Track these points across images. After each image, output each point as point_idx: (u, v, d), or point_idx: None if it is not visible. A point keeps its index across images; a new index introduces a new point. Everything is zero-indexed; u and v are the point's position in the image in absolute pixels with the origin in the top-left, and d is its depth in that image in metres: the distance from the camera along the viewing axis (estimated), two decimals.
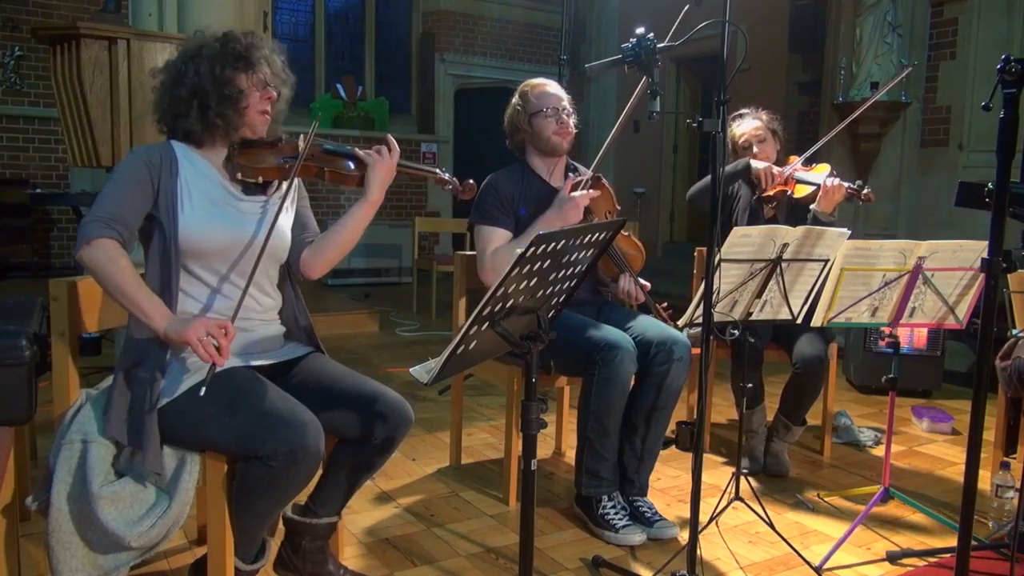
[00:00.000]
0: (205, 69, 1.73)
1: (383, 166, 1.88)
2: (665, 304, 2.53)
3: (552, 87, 2.62)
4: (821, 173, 2.94)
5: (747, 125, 3.10)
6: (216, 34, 1.79)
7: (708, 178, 2.44)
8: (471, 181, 2.07)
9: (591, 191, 2.51)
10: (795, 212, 3.01)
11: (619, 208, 2.69)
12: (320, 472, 1.88)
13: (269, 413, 1.63)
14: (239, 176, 1.79)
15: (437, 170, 2.03)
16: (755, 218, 3.05)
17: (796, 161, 3.04)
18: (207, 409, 1.64)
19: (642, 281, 2.54)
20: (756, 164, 3.01)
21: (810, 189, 2.94)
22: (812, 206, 2.91)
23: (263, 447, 1.58)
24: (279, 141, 1.86)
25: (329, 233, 1.92)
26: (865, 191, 2.86)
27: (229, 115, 1.75)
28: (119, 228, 1.64)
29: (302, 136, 1.84)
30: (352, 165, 1.90)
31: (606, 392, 2.31)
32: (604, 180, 2.65)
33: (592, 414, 2.35)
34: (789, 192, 3.01)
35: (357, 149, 1.91)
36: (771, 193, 2.99)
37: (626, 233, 2.63)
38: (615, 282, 2.58)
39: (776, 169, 2.99)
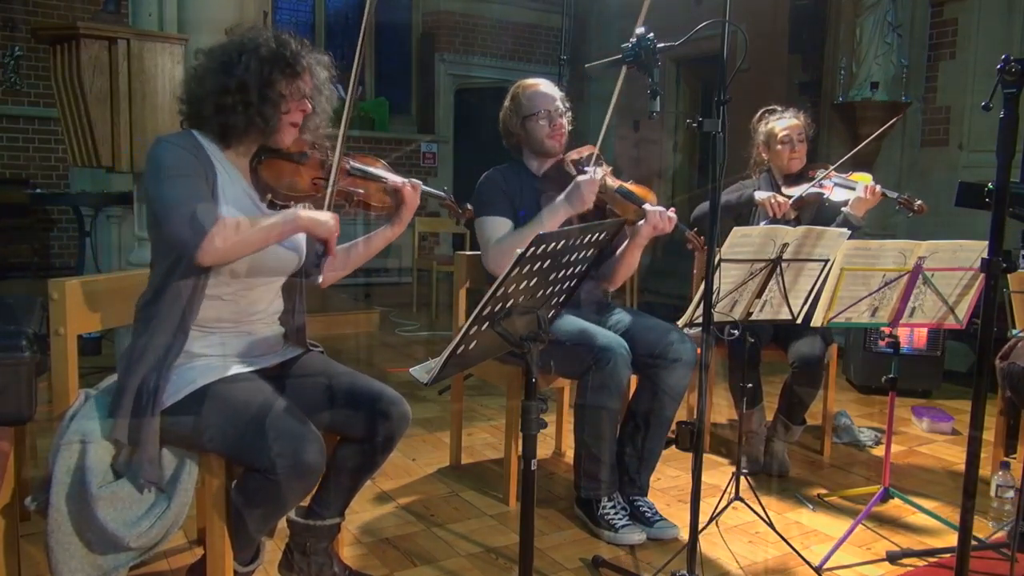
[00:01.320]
0: (256, 66, 1.69)
1: (415, 202, 1.90)
2: (696, 229, 2.50)
3: (543, 86, 2.57)
4: (862, 181, 2.93)
5: (788, 121, 3.08)
6: (270, 33, 1.75)
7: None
8: (470, 206, 2.06)
9: (604, 168, 2.48)
10: (822, 216, 3.00)
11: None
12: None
13: (270, 425, 1.62)
14: (268, 197, 1.77)
15: (443, 192, 2.01)
16: (776, 221, 3.04)
17: (830, 168, 3.03)
18: (210, 415, 1.64)
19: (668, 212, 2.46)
20: (760, 195, 3.00)
21: (848, 194, 2.93)
22: (844, 208, 2.91)
23: (262, 459, 1.59)
24: (303, 156, 1.81)
25: (350, 252, 1.96)
26: (918, 202, 2.85)
27: (269, 116, 1.71)
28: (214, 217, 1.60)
29: (328, 150, 1.81)
30: (387, 197, 1.88)
31: (599, 397, 2.30)
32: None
33: (587, 418, 2.34)
34: (826, 195, 3.00)
35: (389, 176, 1.89)
36: (804, 195, 2.98)
37: (629, 183, 2.58)
38: (644, 221, 2.46)
39: (780, 198, 2.96)
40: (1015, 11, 5.15)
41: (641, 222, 2.47)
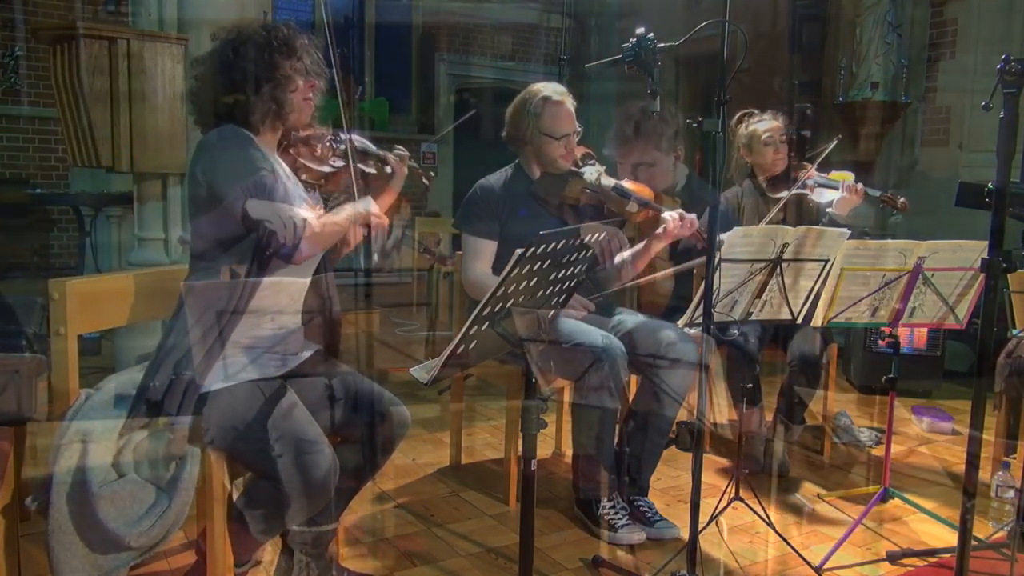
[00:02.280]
0: (255, 55, 1.75)
1: (405, 171, 2.02)
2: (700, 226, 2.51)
3: (569, 104, 2.51)
4: (843, 180, 2.93)
5: (769, 123, 3.06)
6: (258, 24, 1.82)
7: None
8: (433, 174, 2.17)
9: (599, 167, 2.50)
10: (804, 217, 2.99)
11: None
12: None
13: (289, 440, 1.63)
14: (303, 177, 1.85)
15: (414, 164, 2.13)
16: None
17: (810, 168, 3.03)
18: (238, 419, 1.65)
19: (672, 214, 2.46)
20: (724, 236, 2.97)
21: (831, 195, 2.93)
22: (829, 209, 2.91)
23: (276, 471, 1.60)
24: (323, 137, 1.91)
25: None
26: (901, 200, 2.85)
27: (281, 98, 1.77)
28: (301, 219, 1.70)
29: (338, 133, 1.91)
30: (386, 170, 2.00)
31: (597, 398, 2.29)
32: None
33: (585, 419, 2.34)
34: (809, 195, 2.99)
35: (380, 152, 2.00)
36: (783, 195, 2.97)
37: (624, 180, 2.57)
38: (661, 229, 2.44)
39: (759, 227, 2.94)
40: (1015, 11, 5.14)
41: (645, 219, 2.48)
